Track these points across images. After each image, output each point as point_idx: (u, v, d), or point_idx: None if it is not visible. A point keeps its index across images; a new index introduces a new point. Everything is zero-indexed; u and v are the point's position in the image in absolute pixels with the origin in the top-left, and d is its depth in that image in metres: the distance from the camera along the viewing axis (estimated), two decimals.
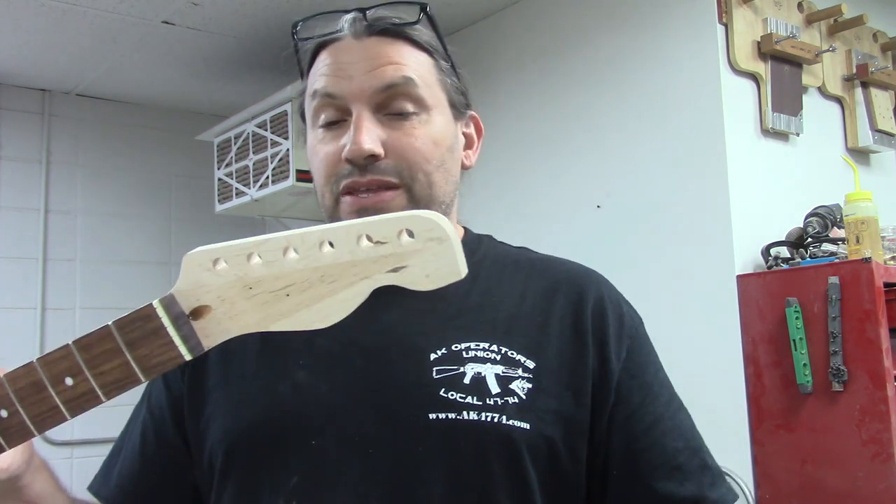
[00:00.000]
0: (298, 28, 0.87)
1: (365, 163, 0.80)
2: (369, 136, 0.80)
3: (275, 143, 2.81)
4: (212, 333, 0.56)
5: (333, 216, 0.84)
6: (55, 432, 3.19)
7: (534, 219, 2.53)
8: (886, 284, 1.80)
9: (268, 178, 2.83)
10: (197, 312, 0.56)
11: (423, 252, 0.52)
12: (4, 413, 0.59)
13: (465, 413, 0.75)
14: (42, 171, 3.31)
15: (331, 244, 0.53)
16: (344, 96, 0.82)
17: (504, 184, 2.60)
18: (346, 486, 0.75)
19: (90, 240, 3.38)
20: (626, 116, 2.32)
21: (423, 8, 0.85)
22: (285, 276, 0.54)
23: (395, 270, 0.53)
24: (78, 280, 3.34)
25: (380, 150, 0.80)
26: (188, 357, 0.56)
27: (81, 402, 0.58)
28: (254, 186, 2.90)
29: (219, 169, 3.10)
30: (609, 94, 2.37)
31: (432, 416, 0.75)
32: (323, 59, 0.85)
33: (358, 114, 0.81)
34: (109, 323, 0.57)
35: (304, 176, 2.72)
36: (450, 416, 0.75)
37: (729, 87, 2.12)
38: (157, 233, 3.54)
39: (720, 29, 2.13)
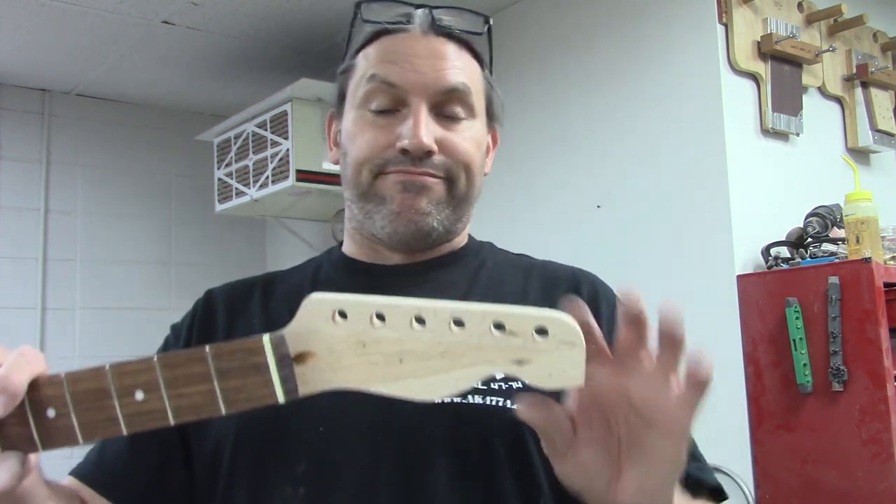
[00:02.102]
0: (362, 7, 0.90)
1: (421, 157, 0.83)
2: (428, 131, 0.83)
3: (275, 143, 2.81)
4: (310, 381, 0.55)
5: (369, 193, 0.86)
6: None
7: (534, 219, 2.53)
8: (886, 284, 1.80)
9: (268, 178, 2.83)
10: (301, 357, 0.55)
11: (553, 353, 0.51)
12: (52, 413, 0.56)
13: (469, 397, 0.77)
14: (42, 171, 3.31)
15: (461, 323, 0.52)
16: (404, 87, 0.84)
17: (504, 184, 2.60)
18: (353, 471, 0.76)
19: (90, 240, 3.39)
20: (626, 116, 2.32)
21: (488, 20, 0.89)
22: (404, 342, 0.53)
23: (518, 363, 0.52)
24: (78, 280, 3.34)
25: (435, 147, 0.83)
26: (282, 400, 0.55)
27: (146, 419, 0.55)
28: (254, 186, 2.90)
29: (219, 169, 3.10)
30: (609, 94, 2.37)
31: (437, 400, 0.76)
32: (384, 45, 0.87)
33: (417, 107, 0.83)
34: (206, 347, 0.55)
35: (304, 176, 2.72)
36: (455, 401, 0.76)
37: (729, 87, 2.12)
38: (157, 233, 3.55)
39: (720, 29, 2.13)
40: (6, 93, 3.26)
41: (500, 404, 0.77)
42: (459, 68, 0.86)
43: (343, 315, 0.54)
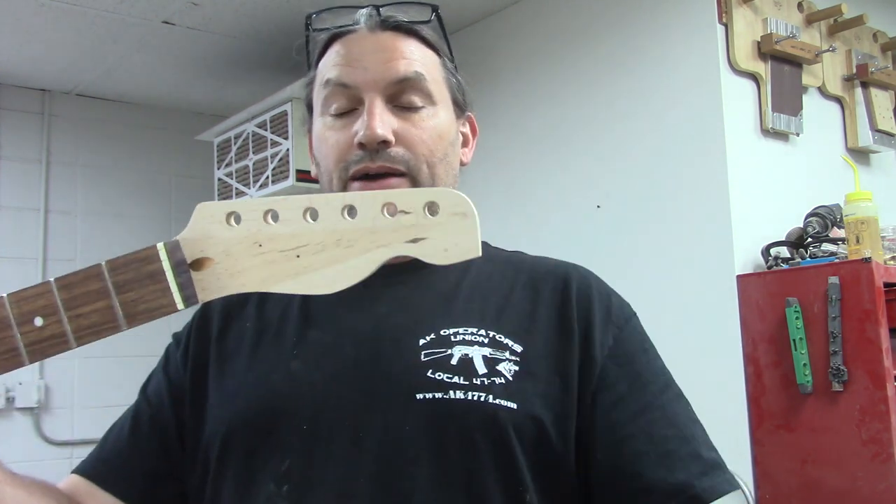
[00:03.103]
0: (312, 19, 0.91)
1: (377, 148, 0.83)
2: (382, 122, 0.82)
3: (275, 143, 2.81)
4: (209, 287, 0.55)
5: None
6: (55, 432, 3.19)
7: (534, 218, 2.53)
8: (886, 284, 1.80)
9: (268, 178, 2.83)
10: (198, 263, 0.54)
11: (446, 226, 0.52)
12: None
13: (451, 392, 0.77)
14: (42, 171, 3.31)
15: (353, 210, 0.52)
16: (357, 86, 0.85)
17: (504, 184, 2.60)
18: (335, 467, 0.76)
19: (90, 240, 3.39)
20: (625, 116, 2.32)
21: (435, 9, 0.89)
22: (300, 236, 0.53)
23: (413, 241, 0.52)
24: None
25: (391, 137, 0.83)
26: (181, 306, 0.54)
27: (46, 346, 0.54)
28: (254, 186, 2.90)
29: (219, 169, 3.10)
30: (609, 93, 2.37)
31: (419, 396, 0.77)
32: (336, 50, 0.88)
33: (371, 102, 0.84)
34: (102, 262, 0.54)
35: (304, 176, 2.72)
36: (436, 396, 0.77)
37: (729, 87, 2.12)
38: (157, 233, 3.54)
39: (720, 29, 2.13)
40: (6, 93, 3.26)
41: (482, 399, 0.77)
42: (409, 58, 0.86)
43: (237, 218, 0.53)
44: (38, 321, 0.54)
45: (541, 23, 2.59)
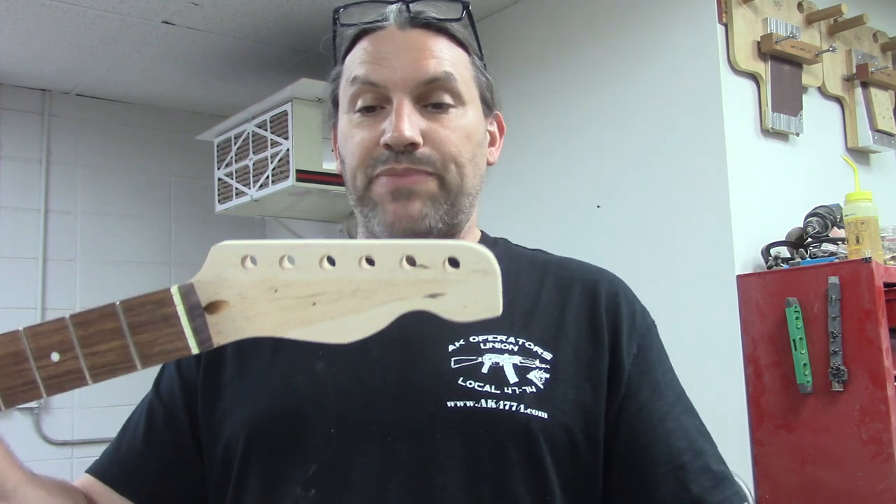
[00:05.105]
0: (340, 13, 0.89)
1: (404, 150, 0.82)
2: (410, 124, 0.81)
3: (275, 143, 2.81)
4: (224, 330, 0.54)
5: (364, 198, 0.85)
6: (55, 432, 3.19)
7: (534, 218, 2.53)
8: (886, 284, 1.80)
9: (268, 178, 2.83)
10: (213, 306, 0.54)
11: (465, 283, 0.51)
12: None
13: (483, 401, 0.76)
14: (42, 171, 3.31)
15: (371, 261, 0.51)
16: (385, 85, 0.83)
17: (504, 183, 2.60)
18: (364, 473, 0.75)
19: (90, 240, 3.39)
20: (625, 116, 2.32)
21: (466, 6, 0.88)
22: (316, 284, 0.52)
23: (432, 296, 0.51)
24: (78, 280, 3.34)
25: (419, 139, 0.82)
26: (196, 350, 0.54)
27: (63, 380, 0.54)
28: (254, 186, 2.90)
29: (219, 169, 3.10)
30: (609, 94, 2.37)
31: (450, 404, 0.76)
32: (364, 47, 0.86)
33: (399, 102, 0.82)
34: (116, 302, 0.55)
35: (304, 176, 2.72)
36: (468, 405, 0.76)
37: (729, 87, 2.12)
38: (157, 233, 3.55)
39: (720, 29, 2.13)
40: (6, 93, 3.26)
41: (514, 409, 0.76)
42: (439, 57, 0.85)
43: (253, 261, 0.53)
44: (55, 356, 0.54)
45: (539, 23, 2.59)
